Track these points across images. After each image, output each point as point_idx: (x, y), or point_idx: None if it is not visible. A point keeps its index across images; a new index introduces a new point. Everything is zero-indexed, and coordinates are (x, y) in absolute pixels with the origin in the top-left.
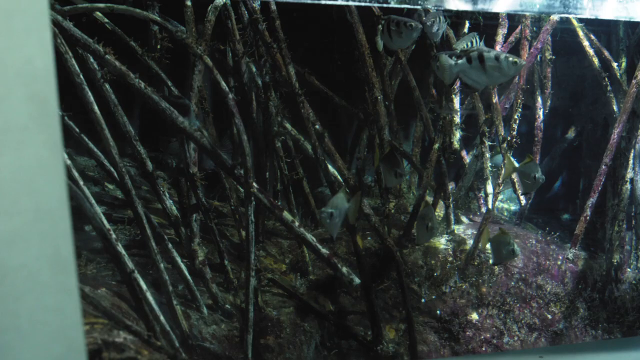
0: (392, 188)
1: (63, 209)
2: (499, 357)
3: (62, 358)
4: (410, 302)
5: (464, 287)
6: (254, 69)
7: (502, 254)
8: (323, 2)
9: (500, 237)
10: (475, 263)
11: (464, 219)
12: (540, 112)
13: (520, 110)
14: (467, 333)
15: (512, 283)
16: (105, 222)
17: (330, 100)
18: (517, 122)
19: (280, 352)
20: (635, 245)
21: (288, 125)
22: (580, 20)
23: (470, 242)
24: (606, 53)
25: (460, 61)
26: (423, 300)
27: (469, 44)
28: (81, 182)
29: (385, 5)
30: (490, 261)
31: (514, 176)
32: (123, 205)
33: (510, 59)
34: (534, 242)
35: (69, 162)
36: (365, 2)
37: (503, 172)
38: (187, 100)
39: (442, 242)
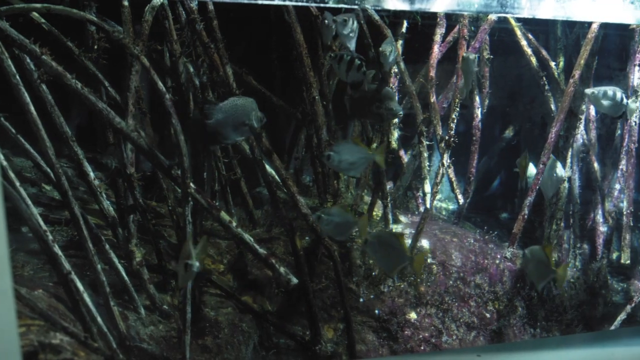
0: (330, 187)
1: None
2: (438, 356)
3: None
4: (349, 302)
5: (402, 286)
6: (191, 69)
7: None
8: (260, 2)
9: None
10: None
11: (402, 218)
12: (478, 112)
13: (458, 109)
14: (406, 332)
15: (451, 282)
16: (42, 223)
17: (267, 100)
18: (455, 121)
19: (218, 352)
20: (574, 244)
21: None
22: (518, 19)
23: (408, 241)
24: (544, 52)
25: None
26: (361, 300)
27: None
28: (17, 184)
29: (322, 5)
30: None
31: (452, 176)
32: (60, 207)
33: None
34: (472, 241)
35: (5, 163)
36: (302, 1)
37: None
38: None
39: None
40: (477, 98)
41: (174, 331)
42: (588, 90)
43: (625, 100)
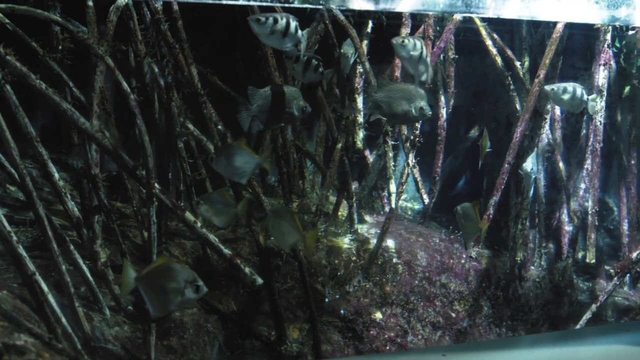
0: (295, 187)
1: None
2: (403, 356)
3: None
4: (314, 302)
5: (367, 286)
6: (156, 70)
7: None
8: (224, 2)
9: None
10: (379, 262)
11: (367, 218)
12: (444, 111)
13: None
14: (371, 332)
15: (416, 282)
16: (6, 224)
17: (233, 100)
18: (420, 121)
19: (183, 353)
20: (539, 243)
21: (190, 126)
22: (484, 19)
23: (374, 241)
24: (509, 52)
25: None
26: (327, 300)
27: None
28: None
29: (286, 5)
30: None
31: (417, 175)
32: (25, 207)
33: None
34: (437, 240)
35: None
36: (267, 2)
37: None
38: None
39: (345, 241)
40: (442, 98)
41: (139, 332)
42: (548, 87)
43: (585, 97)
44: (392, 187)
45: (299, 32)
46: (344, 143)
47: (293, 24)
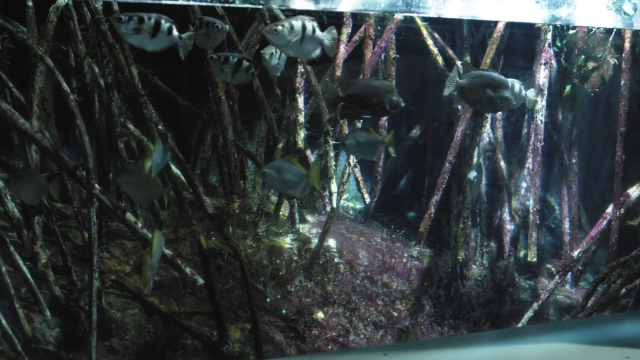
0: (237, 187)
1: None
2: (345, 355)
3: None
4: (255, 302)
5: (309, 286)
6: (96, 70)
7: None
8: (164, 2)
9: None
10: (321, 262)
11: (309, 218)
12: None
13: None
14: (313, 332)
15: (358, 281)
16: None
17: (173, 100)
18: (361, 121)
19: (125, 353)
20: (481, 242)
21: (131, 126)
22: (425, 19)
23: (316, 241)
24: (450, 52)
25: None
26: (268, 300)
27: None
28: None
29: (227, 5)
30: None
31: (359, 175)
32: None
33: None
34: (379, 240)
35: None
36: (207, 2)
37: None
38: None
39: (287, 241)
40: None
41: (80, 333)
42: None
43: (524, 92)
44: (334, 187)
45: (175, 33)
46: (285, 143)
47: (166, 25)
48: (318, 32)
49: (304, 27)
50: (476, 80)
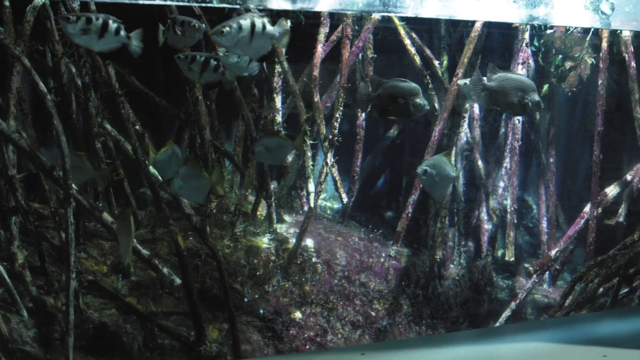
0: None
1: None
2: (322, 355)
3: None
4: (233, 302)
5: (287, 285)
6: (73, 70)
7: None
8: (141, 2)
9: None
10: (298, 261)
11: (286, 217)
12: None
13: (341, 108)
14: (291, 332)
15: (336, 281)
16: None
17: (150, 100)
18: (339, 120)
19: (102, 354)
20: (458, 242)
21: (108, 126)
22: (402, 18)
23: (293, 240)
24: (428, 51)
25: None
26: (246, 300)
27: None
28: None
29: (204, 5)
30: None
31: (336, 175)
32: None
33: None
34: (357, 239)
35: None
36: (184, 1)
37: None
38: None
39: (264, 241)
40: None
41: (57, 333)
42: (460, 81)
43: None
44: (311, 187)
45: (122, 33)
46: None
47: (114, 25)
48: (269, 28)
49: (253, 25)
50: (507, 84)
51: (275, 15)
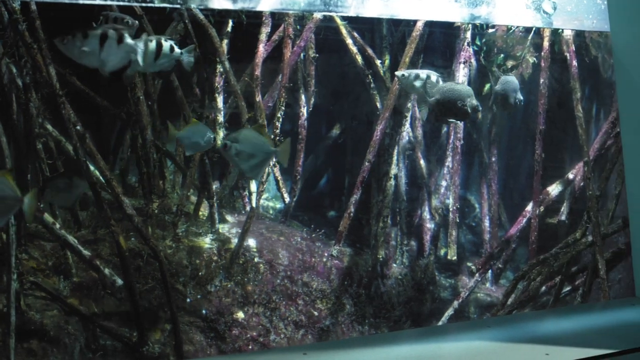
0: (156, 188)
1: None
2: (265, 355)
3: None
4: (175, 302)
5: (229, 286)
6: (14, 70)
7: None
8: (81, 2)
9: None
10: (241, 262)
11: (229, 217)
12: (304, 110)
13: (283, 108)
14: (234, 332)
15: (278, 281)
16: None
17: (91, 100)
18: (281, 120)
19: (44, 355)
20: (401, 241)
21: (49, 127)
22: (344, 18)
23: (235, 240)
24: (369, 51)
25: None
26: (188, 300)
27: None
28: None
29: (144, 4)
30: None
31: (278, 174)
32: None
33: None
34: (299, 239)
35: None
36: (125, 1)
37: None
38: None
39: (206, 241)
40: (303, 97)
41: None
42: (398, 73)
43: (441, 83)
44: (253, 187)
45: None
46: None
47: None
48: (128, 41)
49: (104, 36)
50: (507, 86)
51: (217, 15)
